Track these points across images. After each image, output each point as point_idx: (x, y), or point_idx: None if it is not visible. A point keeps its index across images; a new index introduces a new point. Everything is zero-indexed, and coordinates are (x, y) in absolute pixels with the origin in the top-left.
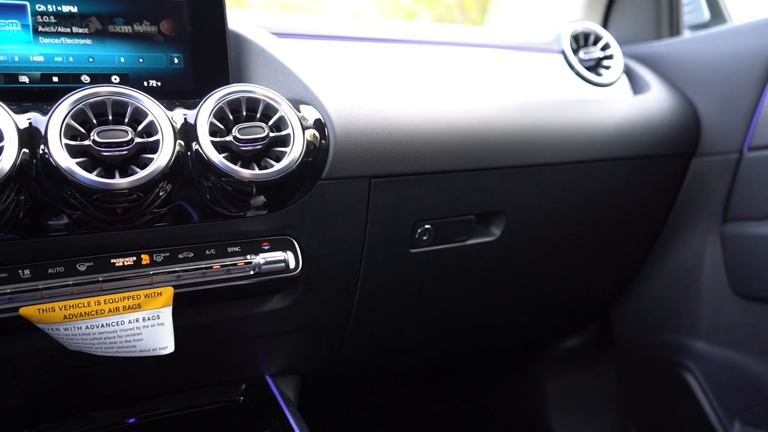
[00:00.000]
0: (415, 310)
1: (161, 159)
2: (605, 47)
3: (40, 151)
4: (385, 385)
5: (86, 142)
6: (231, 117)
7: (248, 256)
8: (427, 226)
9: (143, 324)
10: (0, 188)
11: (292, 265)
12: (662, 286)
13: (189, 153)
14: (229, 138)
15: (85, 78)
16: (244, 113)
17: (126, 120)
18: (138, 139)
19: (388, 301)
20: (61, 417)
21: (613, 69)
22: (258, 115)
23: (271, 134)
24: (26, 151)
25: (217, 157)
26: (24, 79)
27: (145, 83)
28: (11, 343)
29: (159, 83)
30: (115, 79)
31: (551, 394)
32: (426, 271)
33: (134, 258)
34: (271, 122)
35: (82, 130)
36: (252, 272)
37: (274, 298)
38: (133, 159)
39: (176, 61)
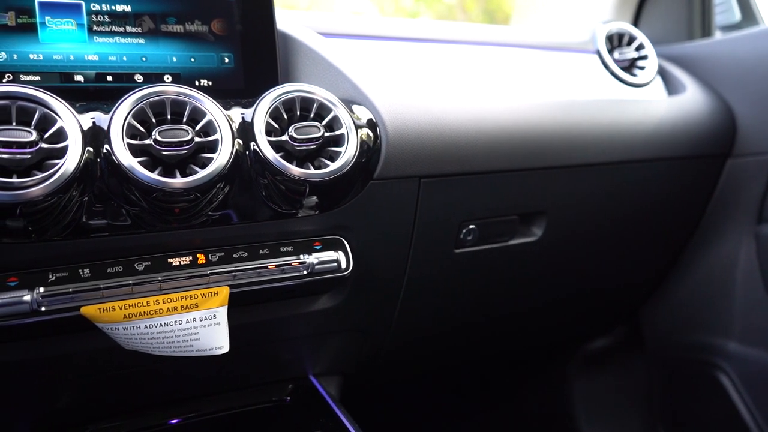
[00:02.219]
0: (454, 310)
1: (221, 158)
2: (639, 48)
3: (104, 150)
4: (413, 384)
5: (147, 141)
6: (285, 116)
7: (301, 256)
8: (471, 226)
9: (200, 324)
10: (65, 188)
11: (343, 265)
12: (695, 286)
13: (247, 152)
14: (284, 137)
15: (139, 77)
16: (298, 113)
17: (184, 120)
18: (197, 139)
19: (430, 301)
20: (108, 417)
21: (647, 69)
22: (311, 115)
23: (326, 134)
24: (90, 149)
25: (274, 157)
26: (79, 78)
27: (197, 82)
28: (67, 343)
29: (210, 83)
30: (168, 78)
31: (579, 395)
32: (468, 272)
33: (190, 257)
34: (324, 122)
35: (142, 129)
36: (305, 272)
37: (322, 298)
38: (190, 158)
39: (227, 60)
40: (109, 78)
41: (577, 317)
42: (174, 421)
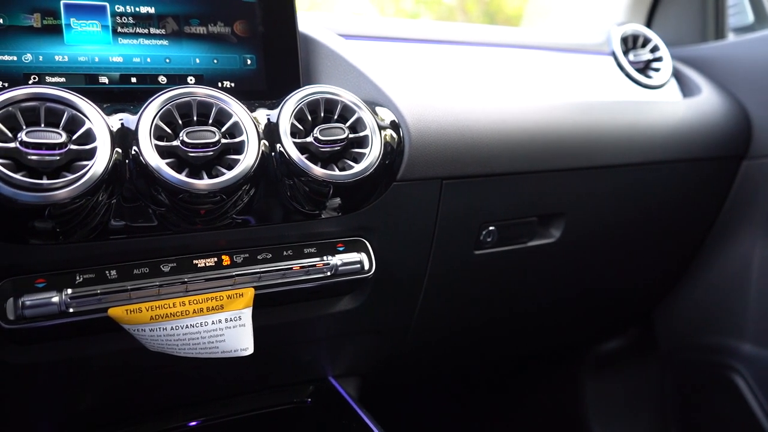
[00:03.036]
0: (472, 311)
1: (247, 160)
2: (654, 49)
3: (132, 152)
4: (428, 384)
5: (175, 143)
6: (309, 118)
7: (325, 257)
8: (491, 228)
9: (225, 325)
10: (93, 190)
11: (366, 266)
12: (709, 288)
13: (272, 154)
14: (309, 139)
15: (162, 79)
16: (322, 114)
17: (210, 121)
18: (224, 140)
19: (449, 301)
20: (128, 419)
21: (662, 71)
22: (335, 117)
23: (350, 135)
24: (119, 151)
25: (299, 158)
26: (104, 79)
27: (220, 84)
28: (90, 345)
29: (232, 84)
30: (191, 80)
31: (592, 396)
32: (487, 273)
33: (215, 259)
34: (348, 123)
35: (168, 130)
36: (329, 273)
37: (343, 300)
38: (216, 160)
39: (249, 62)
40: (133, 79)
41: (591, 318)
42: (193, 423)
